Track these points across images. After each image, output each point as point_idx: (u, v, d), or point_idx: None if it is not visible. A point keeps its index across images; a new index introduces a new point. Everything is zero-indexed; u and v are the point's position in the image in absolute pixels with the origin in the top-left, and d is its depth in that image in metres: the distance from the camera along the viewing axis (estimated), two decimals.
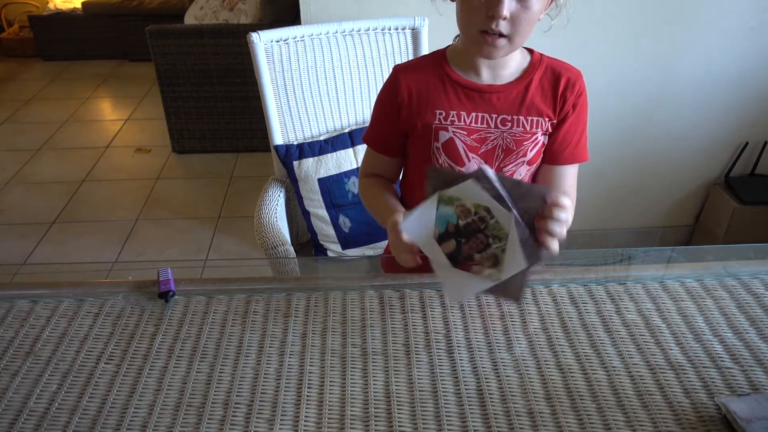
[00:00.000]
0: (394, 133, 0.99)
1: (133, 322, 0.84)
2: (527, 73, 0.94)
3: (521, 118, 0.94)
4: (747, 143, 2.06)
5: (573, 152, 0.98)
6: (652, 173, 2.12)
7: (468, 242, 0.77)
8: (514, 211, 0.73)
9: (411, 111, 0.95)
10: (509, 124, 0.94)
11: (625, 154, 2.07)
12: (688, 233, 2.29)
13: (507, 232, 0.74)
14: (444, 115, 0.94)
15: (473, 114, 0.94)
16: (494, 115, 0.94)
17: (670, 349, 0.78)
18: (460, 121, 0.94)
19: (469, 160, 0.96)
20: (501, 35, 0.84)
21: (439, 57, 0.97)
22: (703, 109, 1.98)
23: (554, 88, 0.94)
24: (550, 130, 0.96)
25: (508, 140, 0.95)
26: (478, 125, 0.94)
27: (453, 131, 0.94)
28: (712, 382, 0.74)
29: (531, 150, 0.96)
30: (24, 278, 1.41)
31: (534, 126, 0.94)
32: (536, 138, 0.95)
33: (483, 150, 0.95)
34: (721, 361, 0.77)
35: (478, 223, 0.76)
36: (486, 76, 0.94)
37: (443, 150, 0.96)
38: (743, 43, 1.86)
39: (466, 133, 0.94)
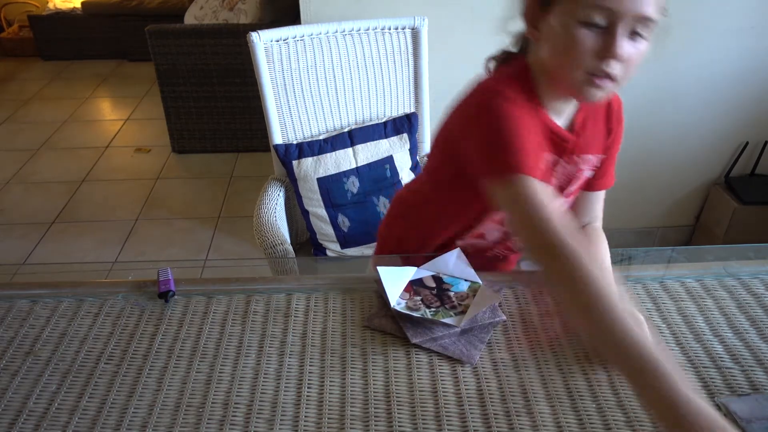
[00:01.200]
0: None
1: (133, 322, 0.84)
2: (582, 110, 0.87)
3: (579, 157, 0.89)
4: (747, 143, 2.06)
5: (607, 180, 0.96)
6: (652, 173, 2.12)
7: None
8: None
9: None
10: (567, 165, 0.89)
11: (626, 154, 2.05)
12: (688, 233, 2.29)
13: None
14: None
15: (549, 156, 0.86)
16: (560, 158, 0.87)
17: (671, 349, 0.78)
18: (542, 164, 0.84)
19: None
20: (609, 77, 0.73)
21: (531, 94, 0.81)
22: (703, 109, 1.99)
23: (606, 118, 0.90)
24: (598, 165, 0.92)
25: (562, 180, 0.90)
26: (551, 167, 0.88)
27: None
28: (712, 382, 0.74)
29: (576, 186, 0.93)
30: (24, 278, 1.41)
31: (586, 163, 0.91)
32: (585, 175, 0.92)
33: None
34: (721, 361, 0.77)
35: None
36: (564, 115, 0.86)
37: None
38: (743, 43, 1.86)
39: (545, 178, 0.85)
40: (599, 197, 0.98)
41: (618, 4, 0.68)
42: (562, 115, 0.85)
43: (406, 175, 1.54)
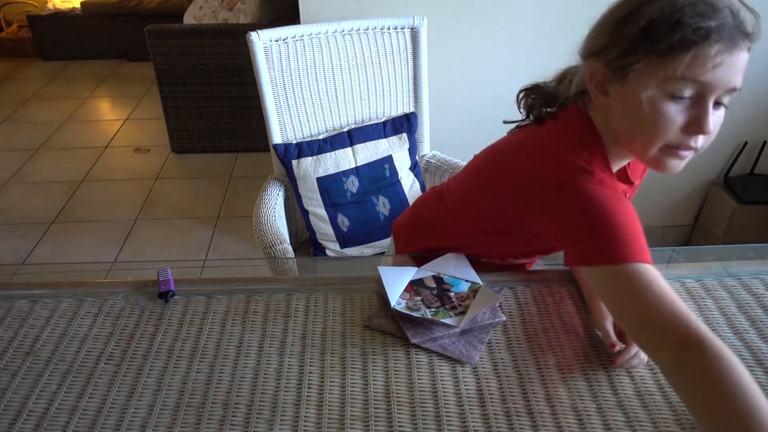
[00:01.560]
0: None
1: (132, 322, 0.84)
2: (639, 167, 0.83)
3: None
4: (746, 143, 2.06)
5: None
6: (652, 173, 2.11)
7: None
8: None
9: None
10: None
11: None
12: (688, 233, 2.29)
13: None
14: None
15: None
16: None
17: None
18: None
19: None
20: (693, 149, 0.69)
21: (605, 159, 0.75)
22: None
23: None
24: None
25: None
26: None
27: None
28: None
29: None
30: (23, 278, 1.41)
31: None
32: None
33: None
34: None
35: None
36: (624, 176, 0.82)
37: None
38: None
39: None
40: None
41: (712, 77, 0.64)
42: (616, 172, 0.79)
43: (405, 175, 1.54)
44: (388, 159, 1.50)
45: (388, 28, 1.49)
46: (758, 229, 2.04)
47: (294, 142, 1.46)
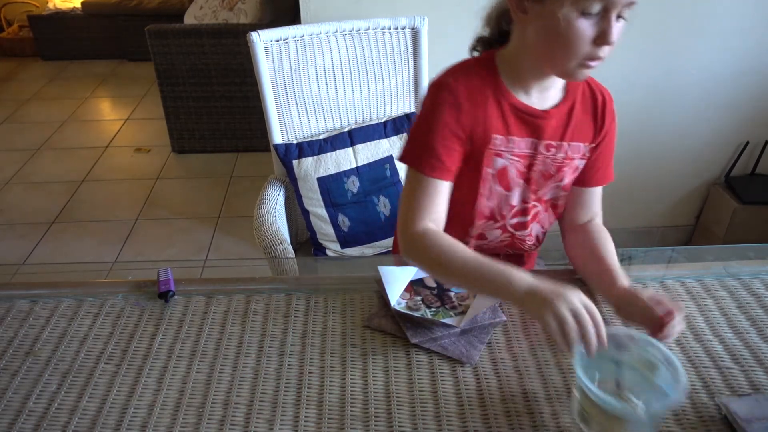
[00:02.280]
0: (455, 155, 0.86)
1: (132, 322, 0.84)
2: (570, 94, 0.89)
3: (564, 144, 0.90)
4: (747, 143, 2.06)
5: (604, 174, 0.96)
6: (652, 173, 2.12)
7: None
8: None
9: (466, 131, 0.86)
10: (553, 150, 0.90)
11: (626, 154, 2.06)
12: (688, 233, 2.29)
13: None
14: (501, 140, 0.87)
15: (526, 138, 0.88)
16: (540, 141, 0.89)
17: (671, 349, 0.78)
18: (515, 146, 0.88)
19: (518, 187, 0.92)
20: (599, 59, 0.78)
21: (492, 71, 0.87)
22: (703, 109, 1.98)
23: (594, 110, 0.91)
24: (588, 155, 0.93)
25: (549, 166, 0.91)
26: (527, 151, 0.89)
27: (509, 158, 0.89)
28: (712, 382, 0.74)
29: (568, 176, 0.93)
30: (24, 278, 1.41)
31: (575, 152, 0.91)
32: (575, 164, 0.92)
33: (528, 175, 0.92)
34: (721, 361, 0.77)
35: None
36: (536, 96, 0.88)
37: (497, 177, 0.90)
38: (743, 43, 1.86)
39: (519, 159, 0.89)
40: (597, 193, 0.98)
41: None
42: (522, 89, 0.87)
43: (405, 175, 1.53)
44: (389, 159, 1.50)
45: (389, 28, 1.49)
46: (759, 229, 2.04)
47: (294, 142, 1.46)
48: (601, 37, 0.75)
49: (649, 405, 0.67)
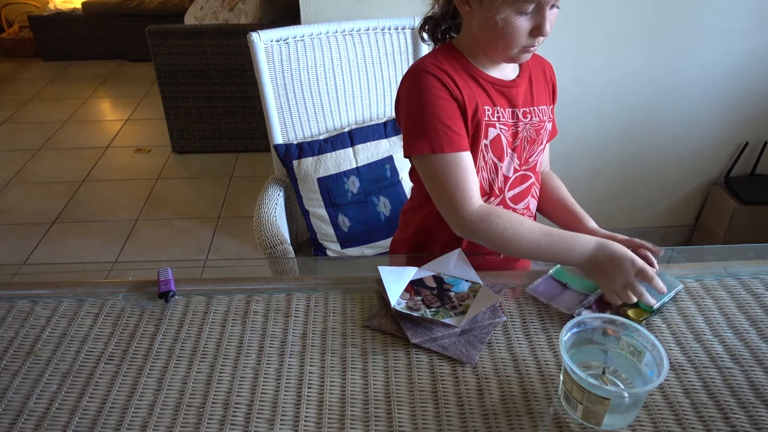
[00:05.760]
0: (462, 124, 0.90)
1: (133, 322, 0.84)
2: (524, 66, 0.99)
3: (535, 108, 0.99)
4: (747, 143, 2.06)
5: (554, 130, 1.07)
6: (652, 173, 2.12)
7: None
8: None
9: (461, 106, 0.91)
10: (529, 116, 0.98)
11: (625, 154, 2.07)
12: (688, 233, 2.29)
13: None
14: (491, 111, 0.94)
15: (507, 109, 0.96)
16: (518, 109, 0.97)
17: (671, 349, 0.78)
18: (503, 116, 0.95)
19: (507, 156, 0.98)
20: (536, 46, 0.88)
21: (457, 54, 0.94)
22: (703, 109, 1.98)
23: (544, 75, 1.02)
24: (551, 116, 1.03)
25: (530, 131, 0.99)
26: (511, 119, 0.96)
27: (499, 127, 0.95)
28: (712, 382, 0.74)
29: (545, 138, 1.02)
30: (24, 278, 1.41)
31: (544, 115, 1.00)
32: (547, 126, 1.02)
33: (515, 144, 0.98)
34: (721, 361, 0.77)
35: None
36: (498, 71, 0.96)
37: (491, 147, 0.95)
38: (743, 44, 1.86)
39: (506, 128, 0.96)
40: (547, 148, 1.10)
41: None
42: (496, 72, 0.95)
43: (406, 175, 1.54)
44: (389, 159, 1.50)
45: (389, 29, 1.49)
46: (759, 229, 2.04)
47: (295, 142, 1.46)
48: (537, 29, 0.85)
49: (631, 389, 0.70)
